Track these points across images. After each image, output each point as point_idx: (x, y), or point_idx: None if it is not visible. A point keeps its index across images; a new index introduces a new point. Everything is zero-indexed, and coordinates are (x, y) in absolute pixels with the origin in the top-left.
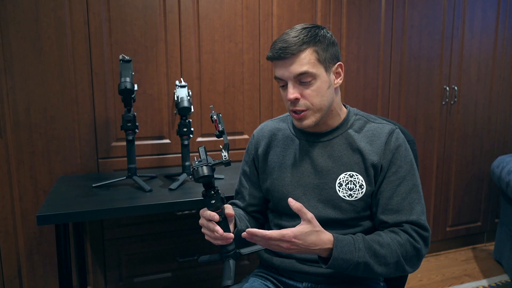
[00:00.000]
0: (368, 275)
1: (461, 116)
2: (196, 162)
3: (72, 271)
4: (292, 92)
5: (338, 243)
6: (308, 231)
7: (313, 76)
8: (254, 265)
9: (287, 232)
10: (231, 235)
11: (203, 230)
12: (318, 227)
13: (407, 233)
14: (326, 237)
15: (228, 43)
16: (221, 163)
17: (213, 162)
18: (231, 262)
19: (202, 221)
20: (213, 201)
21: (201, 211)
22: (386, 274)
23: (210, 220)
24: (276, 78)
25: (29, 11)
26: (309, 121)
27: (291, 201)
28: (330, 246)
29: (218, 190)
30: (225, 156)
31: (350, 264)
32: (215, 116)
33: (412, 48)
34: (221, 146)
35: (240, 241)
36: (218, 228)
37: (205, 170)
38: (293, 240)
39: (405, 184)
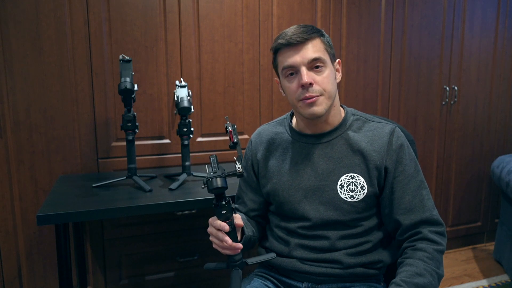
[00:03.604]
0: None
1: (461, 116)
2: (211, 173)
3: (72, 271)
4: (307, 77)
5: None
6: None
7: (325, 63)
8: (255, 265)
9: None
10: (240, 245)
11: (211, 238)
12: None
13: (428, 241)
14: None
15: (228, 43)
16: (235, 174)
17: (226, 173)
18: (239, 272)
19: (211, 230)
20: (224, 211)
21: (211, 220)
22: None
23: (219, 230)
24: (285, 67)
25: (29, 11)
26: (321, 107)
27: None
28: None
29: (229, 200)
30: (238, 168)
31: None
32: (230, 127)
33: (412, 48)
34: (235, 158)
35: (247, 247)
36: (227, 238)
37: (219, 182)
38: None
39: (413, 181)
